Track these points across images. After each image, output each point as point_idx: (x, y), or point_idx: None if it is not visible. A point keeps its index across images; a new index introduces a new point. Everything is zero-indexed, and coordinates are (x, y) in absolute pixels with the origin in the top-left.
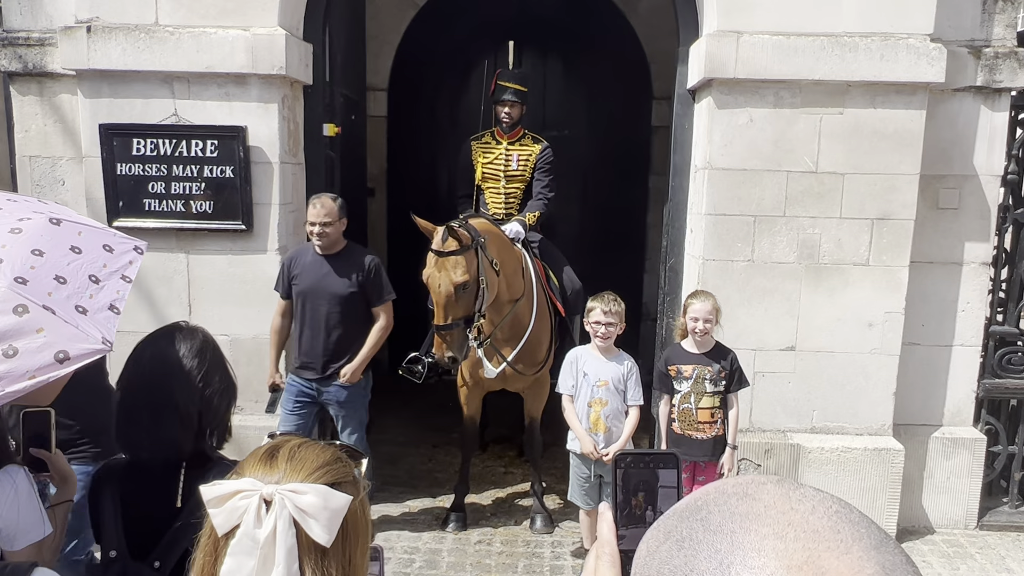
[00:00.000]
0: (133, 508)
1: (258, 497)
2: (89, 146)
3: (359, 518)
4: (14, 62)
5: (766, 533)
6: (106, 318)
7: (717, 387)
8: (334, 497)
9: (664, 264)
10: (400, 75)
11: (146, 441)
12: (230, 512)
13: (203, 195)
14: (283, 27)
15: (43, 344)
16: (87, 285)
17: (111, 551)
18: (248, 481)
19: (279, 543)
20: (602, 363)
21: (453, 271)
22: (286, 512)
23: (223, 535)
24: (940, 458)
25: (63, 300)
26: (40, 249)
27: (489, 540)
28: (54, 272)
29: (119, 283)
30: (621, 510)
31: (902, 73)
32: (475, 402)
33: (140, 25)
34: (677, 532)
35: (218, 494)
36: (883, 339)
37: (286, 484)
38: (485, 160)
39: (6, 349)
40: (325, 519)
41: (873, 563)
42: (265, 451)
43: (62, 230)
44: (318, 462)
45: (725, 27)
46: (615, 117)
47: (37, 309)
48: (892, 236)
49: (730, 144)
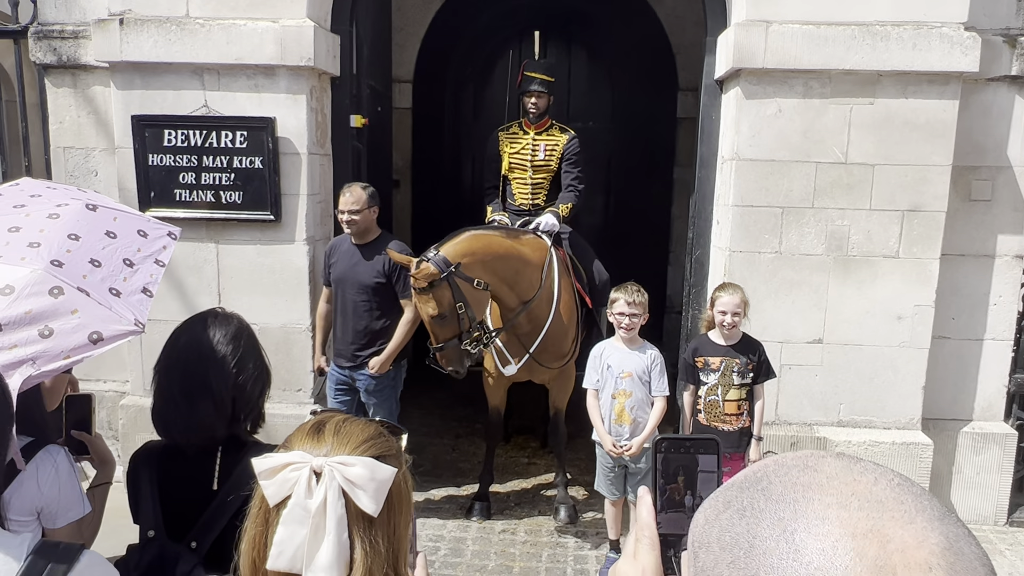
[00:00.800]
0: (170, 489)
1: (308, 469)
2: (122, 137)
3: (403, 490)
4: (49, 55)
5: (829, 502)
6: (139, 300)
7: (744, 379)
8: (380, 469)
9: (690, 256)
10: (425, 66)
11: (181, 424)
12: (281, 483)
13: (233, 186)
14: (311, 19)
15: (77, 325)
16: (121, 268)
17: (149, 531)
18: (298, 454)
19: (330, 513)
20: (626, 354)
21: (427, 305)
22: (335, 483)
23: (274, 505)
24: (970, 453)
25: (97, 283)
26: (76, 233)
27: (513, 530)
28: (89, 255)
29: (152, 267)
30: (661, 494)
31: (935, 62)
32: (500, 393)
33: (171, 17)
34: (737, 502)
35: (269, 466)
36: (913, 332)
37: (334, 457)
38: (512, 150)
39: (42, 329)
40: (372, 490)
41: (937, 533)
42: (312, 426)
43: (98, 216)
44: (363, 436)
45: (754, 16)
46: (640, 108)
47: (72, 291)
48: (923, 228)
49: (758, 135)
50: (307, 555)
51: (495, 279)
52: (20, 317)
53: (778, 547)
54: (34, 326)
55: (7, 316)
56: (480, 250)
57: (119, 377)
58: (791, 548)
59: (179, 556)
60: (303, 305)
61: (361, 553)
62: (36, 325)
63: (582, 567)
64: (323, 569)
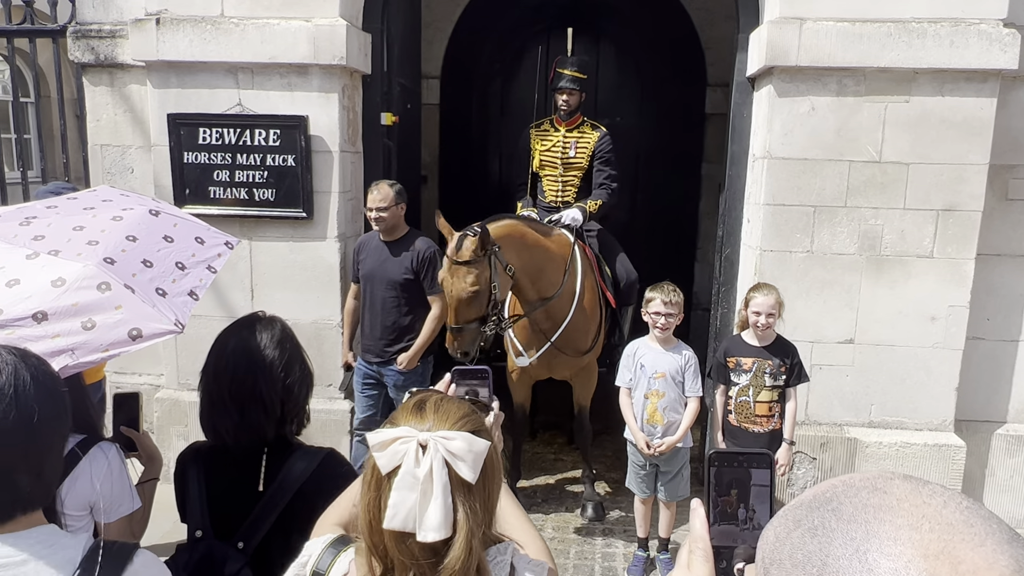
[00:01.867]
0: (216, 490)
1: (415, 442)
2: (157, 135)
3: (494, 460)
4: (87, 54)
5: (901, 524)
6: (183, 302)
7: (776, 381)
8: (477, 442)
9: (719, 254)
10: (453, 63)
11: (232, 428)
12: (392, 455)
13: (265, 183)
14: (344, 17)
15: (119, 320)
16: (172, 271)
17: (197, 531)
18: (405, 429)
19: (436, 480)
20: (660, 354)
21: (464, 279)
22: (439, 455)
23: (386, 474)
24: (1003, 456)
25: (145, 282)
26: (134, 235)
27: (541, 526)
28: (143, 256)
29: (204, 272)
30: (713, 507)
31: (973, 60)
32: (524, 389)
33: (206, 17)
34: (808, 521)
35: (382, 439)
36: (946, 333)
37: (437, 431)
38: (543, 148)
39: (85, 322)
40: (471, 461)
41: (1007, 556)
42: (414, 404)
43: (159, 221)
44: (460, 413)
45: (787, 13)
46: (668, 104)
47: (119, 288)
48: (958, 228)
49: (790, 133)
50: (418, 516)
51: (520, 269)
52: (66, 309)
53: (851, 566)
54: (78, 318)
55: (54, 307)
56: (517, 237)
57: (153, 371)
58: (864, 568)
59: (227, 556)
60: (334, 301)
61: (463, 515)
62: (80, 317)
63: (610, 564)
64: (433, 529)
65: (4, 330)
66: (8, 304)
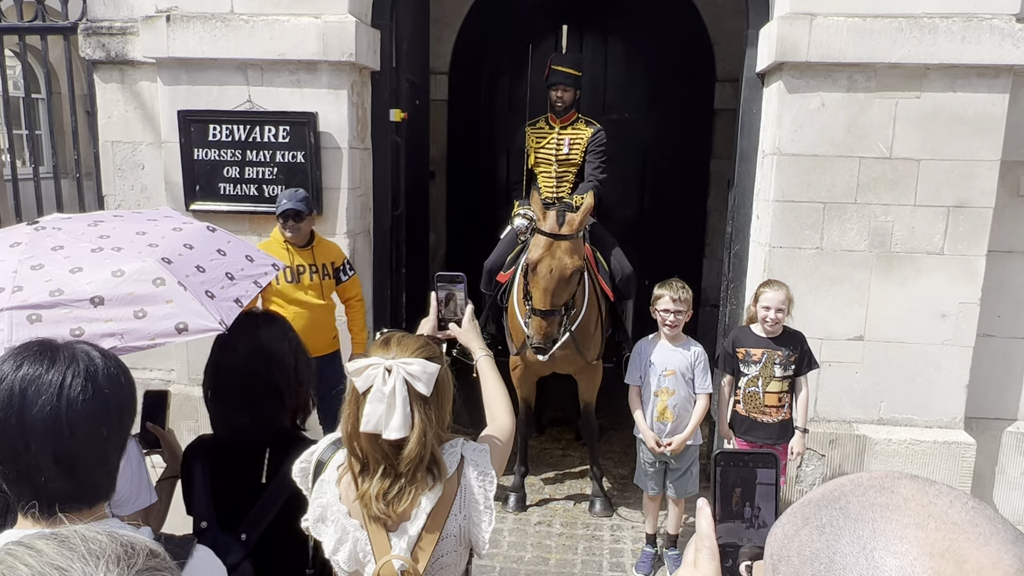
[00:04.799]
0: (221, 482)
1: (382, 367)
2: (168, 132)
3: (445, 380)
4: (98, 51)
5: (907, 523)
6: (229, 307)
7: (786, 371)
8: (430, 366)
9: (728, 250)
10: (461, 58)
11: (249, 424)
12: (366, 378)
13: (275, 179)
14: (353, 14)
15: (168, 313)
16: (222, 279)
17: (202, 522)
18: (375, 358)
19: (398, 395)
20: (669, 351)
21: (568, 256)
22: (401, 376)
23: (362, 392)
24: (1014, 453)
25: (197, 284)
26: (191, 244)
27: (549, 521)
28: (197, 262)
29: (250, 285)
30: (719, 505)
31: (985, 55)
32: (528, 385)
33: (216, 14)
34: (816, 519)
35: (357, 367)
36: (956, 330)
37: (399, 359)
38: (538, 145)
39: (137, 311)
40: (425, 379)
41: (1011, 555)
42: (382, 340)
43: (215, 236)
44: (417, 345)
45: (798, 9)
46: (676, 99)
47: (173, 284)
48: (969, 224)
49: (800, 129)
50: (384, 421)
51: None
52: (122, 297)
53: (858, 563)
54: (131, 307)
55: (111, 293)
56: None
57: (164, 366)
58: (870, 565)
59: (229, 547)
60: None
61: (419, 419)
62: (133, 306)
63: (618, 560)
64: (395, 430)
65: (63, 308)
66: (69, 286)
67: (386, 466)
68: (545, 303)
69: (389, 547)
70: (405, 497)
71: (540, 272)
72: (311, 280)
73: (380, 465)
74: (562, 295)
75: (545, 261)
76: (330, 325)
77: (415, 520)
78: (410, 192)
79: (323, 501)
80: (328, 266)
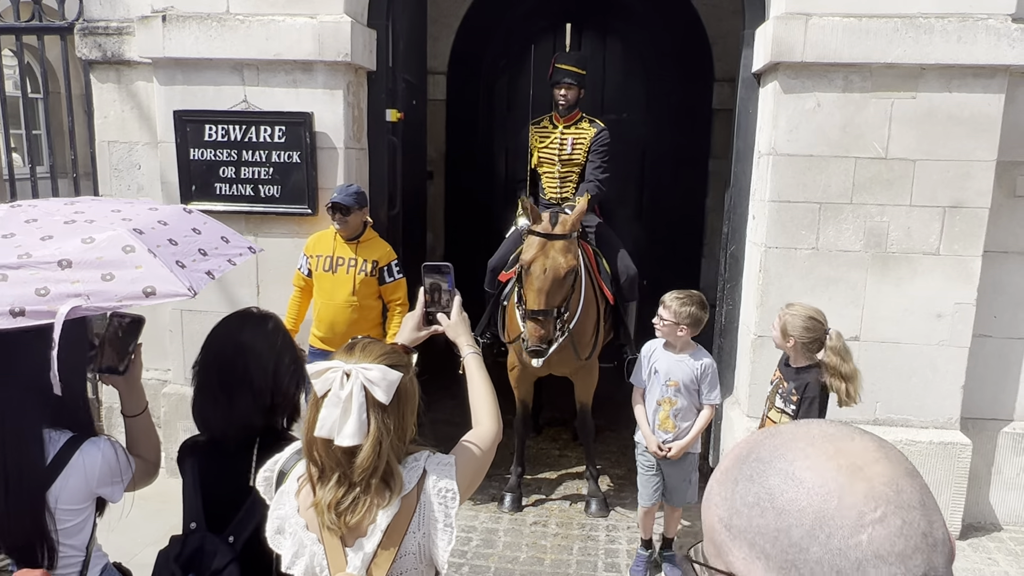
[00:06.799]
0: (210, 483)
1: (341, 371)
2: (164, 132)
3: (408, 389)
4: (94, 51)
5: (802, 446)
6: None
7: (787, 407)
8: (391, 373)
9: (725, 251)
10: (459, 58)
11: (220, 418)
12: (324, 381)
13: (271, 180)
14: (349, 14)
15: (136, 277)
16: (194, 253)
17: (191, 523)
18: (336, 362)
19: (354, 400)
20: (675, 362)
21: (563, 256)
22: (359, 381)
23: (320, 396)
24: (1010, 454)
25: (168, 254)
26: (166, 221)
27: (544, 522)
28: (169, 236)
29: (223, 262)
30: None
31: (980, 56)
32: (526, 385)
33: (212, 14)
34: (743, 474)
35: (317, 369)
36: (952, 330)
37: (360, 364)
38: (541, 145)
39: (105, 274)
40: (384, 387)
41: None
42: (347, 345)
43: (191, 217)
44: (381, 351)
45: (793, 9)
46: (675, 99)
47: (143, 251)
48: (965, 224)
49: (796, 129)
50: (338, 427)
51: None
52: (90, 261)
53: (787, 485)
54: (99, 270)
55: (80, 257)
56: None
57: (160, 365)
58: (795, 482)
59: (217, 550)
60: None
61: (375, 427)
62: (101, 269)
63: (612, 561)
64: (348, 436)
65: (28, 270)
66: (38, 251)
67: (340, 474)
68: (540, 303)
69: (345, 562)
70: (359, 508)
71: (534, 272)
72: (347, 274)
73: (335, 472)
74: (556, 296)
75: (539, 261)
76: (363, 322)
77: (371, 536)
78: (407, 192)
79: (282, 512)
80: (369, 263)
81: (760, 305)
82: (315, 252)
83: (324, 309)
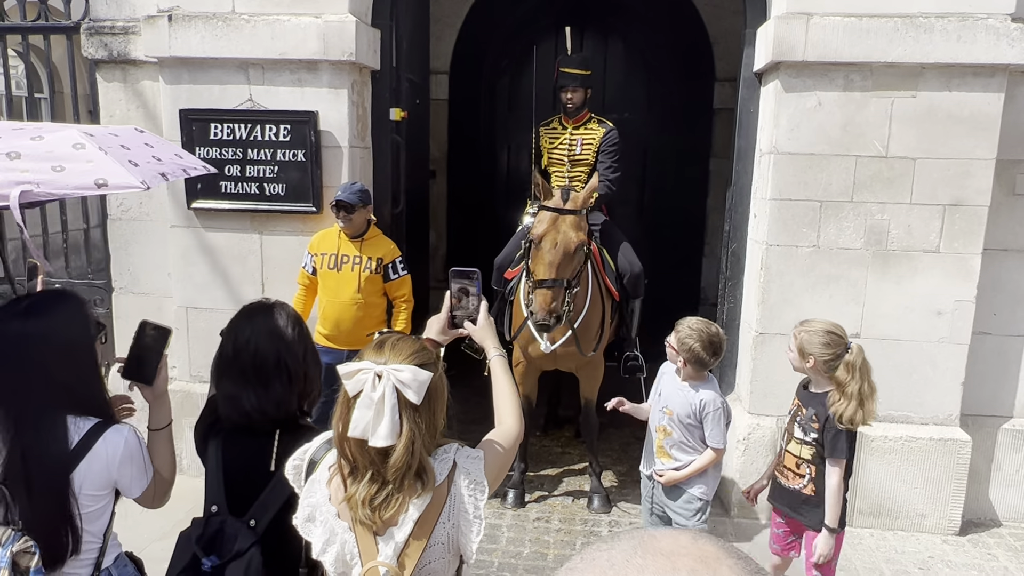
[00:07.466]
0: (232, 467)
1: (373, 373)
2: (170, 130)
3: (439, 388)
4: (100, 50)
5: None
6: (153, 175)
7: (806, 436)
8: (421, 373)
9: (726, 249)
10: (461, 58)
11: (254, 403)
12: (356, 382)
13: (276, 178)
14: (353, 13)
15: (87, 170)
16: (148, 158)
17: (213, 505)
18: (366, 363)
19: (386, 402)
20: (676, 390)
21: (573, 231)
22: (391, 382)
23: (352, 396)
24: (1009, 450)
25: (120, 154)
26: (117, 134)
27: (547, 518)
28: (122, 143)
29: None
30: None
31: (980, 55)
32: (530, 380)
33: (218, 13)
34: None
35: (349, 370)
36: (952, 328)
37: (390, 364)
38: (551, 146)
39: (55, 166)
40: (416, 387)
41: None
42: (376, 343)
43: (144, 135)
44: (411, 350)
45: (794, 9)
46: (676, 99)
47: (94, 149)
48: (965, 223)
49: (797, 128)
50: (372, 428)
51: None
52: (41, 154)
53: None
54: (49, 162)
55: (30, 151)
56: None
57: None
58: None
59: (238, 533)
60: None
61: (407, 428)
62: (51, 162)
63: None
64: (382, 438)
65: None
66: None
67: (374, 472)
68: (549, 274)
69: (376, 551)
70: (392, 504)
71: (544, 246)
72: (351, 271)
73: (368, 471)
74: (566, 268)
75: (550, 235)
76: (368, 320)
77: (402, 526)
78: (410, 190)
79: (313, 500)
80: (374, 261)
81: (761, 303)
82: (320, 250)
83: (329, 307)
